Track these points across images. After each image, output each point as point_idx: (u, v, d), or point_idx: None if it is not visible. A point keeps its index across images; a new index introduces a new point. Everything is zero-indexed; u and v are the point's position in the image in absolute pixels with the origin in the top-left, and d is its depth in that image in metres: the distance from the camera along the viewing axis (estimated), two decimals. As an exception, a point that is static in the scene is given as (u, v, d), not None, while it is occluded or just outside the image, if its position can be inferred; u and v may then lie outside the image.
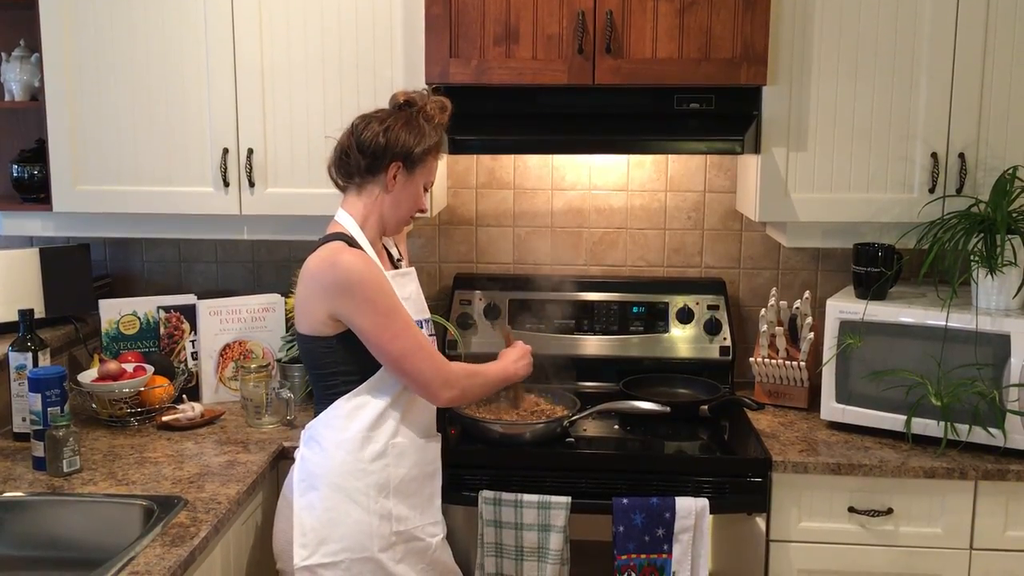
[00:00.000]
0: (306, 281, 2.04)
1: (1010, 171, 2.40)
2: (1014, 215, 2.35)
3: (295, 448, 2.26)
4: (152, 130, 2.60)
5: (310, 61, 2.55)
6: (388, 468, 2.06)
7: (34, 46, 2.66)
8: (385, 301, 2.00)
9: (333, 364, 2.07)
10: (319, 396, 2.13)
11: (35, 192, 2.76)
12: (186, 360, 2.76)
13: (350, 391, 2.07)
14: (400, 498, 2.08)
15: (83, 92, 2.59)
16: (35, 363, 2.41)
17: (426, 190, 2.17)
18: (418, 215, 2.19)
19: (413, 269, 2.26)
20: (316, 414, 2.12)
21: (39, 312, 2.67)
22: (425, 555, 2.12)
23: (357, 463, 2.05)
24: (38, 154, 2.79)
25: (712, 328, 2.83)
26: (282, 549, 2.11)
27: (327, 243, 2.05)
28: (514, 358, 2.28)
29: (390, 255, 2.24)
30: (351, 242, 2.06)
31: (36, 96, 2.74)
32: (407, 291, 2.15)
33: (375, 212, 2.11)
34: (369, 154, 2.07)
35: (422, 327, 2.14)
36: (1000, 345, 2.30)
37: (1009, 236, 2.31)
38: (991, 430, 2.31)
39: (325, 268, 2.01)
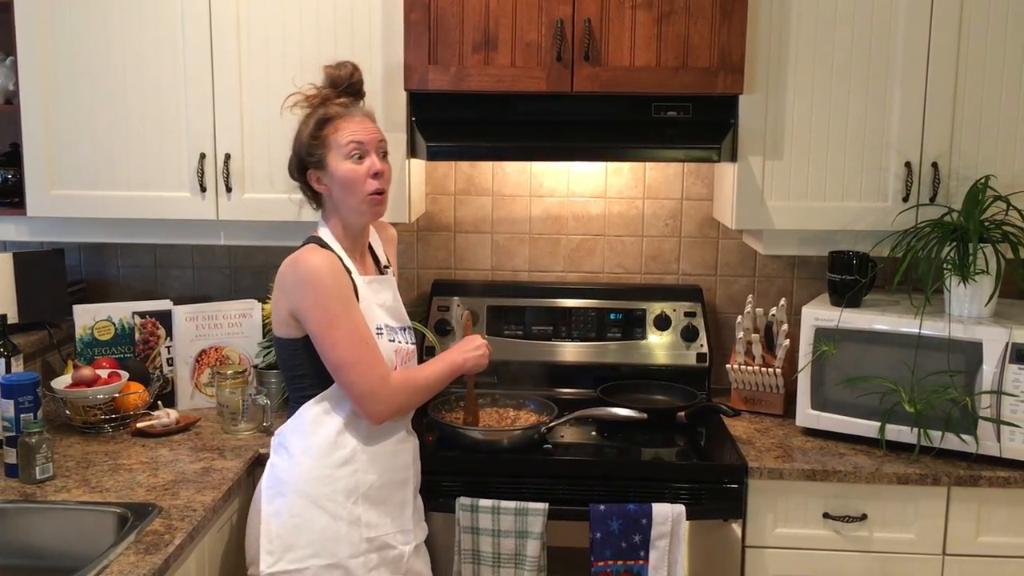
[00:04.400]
0: (276, 281, 2.07)
1: (982, 180, 2.44)
2: (986, 224, 2.38)
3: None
4: (128, 134, 2.58)
5: (288, 64, 2.54)
6: (357, 474, 2.05)
7: (9, 49, 2.64)
8: (336, 307, 1.98)
9: (300, 367, 2.07)
10: (291, 399, 2.14)
11: (9, 196, 2.74)
12: (161, 366, 2.75)
13: (316, 395, 2.06)
14: (370, 504, 2.07)
15: (59, 96, 2.57)
16: (8, 369, 2.38)
17: (360, 156, 2.02)
18: (376, 186, 2.03)
19: (392, 276, 2.24)
20: (288, 419, 2.12)
21: (12, 317, 2.65)
22: (400, 564, 2.12)
23: (324, 469, 2.04)
24: (12, 158, 2.77)
25: (689, 335, 2.85)
26: (253, 556, 2.09)
27: (303, 245, 2.07)
28: (466, 348, 2.20)
29: (377, 261, 2.23)
30: (324, 246, 2.06)
31: (11, 100, 2.71)
32: (382, 298, 2.14)
33: (335, 214, 2.10)
34: (295, 177, 2.14)
35: (397, 335, 2.13)
36: (972, 352, 2.33)
37: (981, 245, 2.34)
38: (964, 436, 2.33)
39: (289, 266, 2.03)
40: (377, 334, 2.06)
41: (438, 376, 2.13)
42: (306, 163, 2.09)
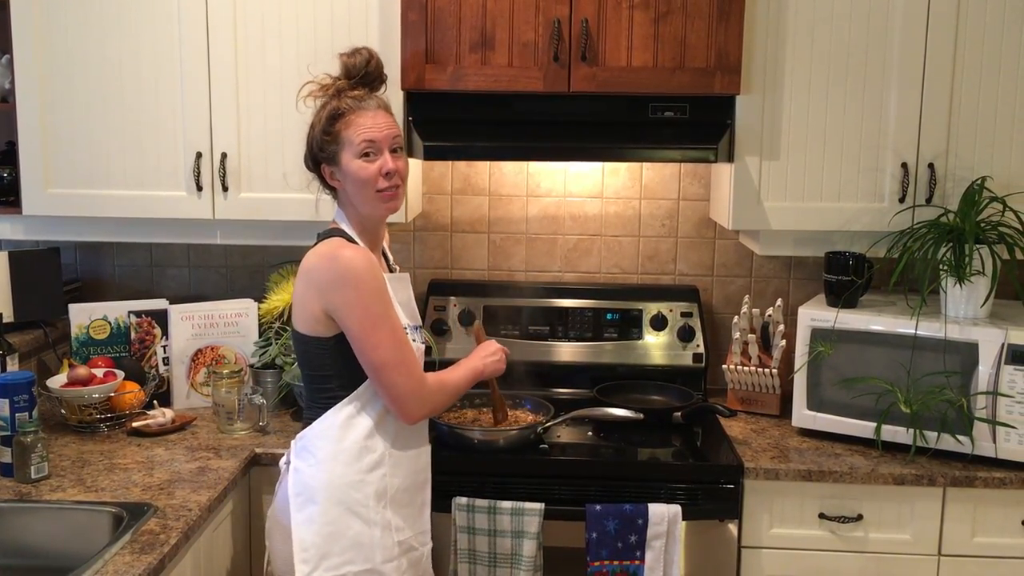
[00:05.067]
0: (304, 276, 1.98)
1: (978, 181, 2.44)
2: (982, 225, 2.38)
3: (267, 454, 2.23)
4: (125, 133, 2.58)
5: (285, 65, 2.54)
6: (386, 478, 2.01)
7: (5, 48, 2.63)
8: (378, 305, 1.93)
9: (328, 367, 2.00)
10: (311, 401, 2.06)
11: (5, 195, 2.73)
12: (157, 365, 2.74)
13: (344, 397, 2.00)
14: (395, 508, 2.03)
15: (55, 94, 2.57)
16: (3, 368, 2.38)
17: (372, 154, 1.98)
18: (387, 184, 1.99)
19: (407, 275, 2.21)
20: (307, 421, 2.05)
21: (8, 316, 2.64)
22: (419, 565, 2.10)
23: (356, 474, 1.99)
24: (8, 156, 2.77)
25: (685, 335, 2.85)
26: (281, 565, 2.03)
27: (327, 238, 2.00)
28: (484, 354, 2.20)
29: (387, 260, 2.20)
30: (350, 239, 2.01)
31: (6, 98, 2.71)
32: (401, 296, 2.09)
33: (352, 209, 2.05)
34: (310, 169, 2.08)
35: (413, 334, 2.08)
36: (968, 353, 2.33)
37: (977, 246, 2.34)
38: (959, 437, 2.34)
39: (324, 263, 1.94)
40: None
41: (463, 381, 2.13)
42: (319, 158, 2.04)
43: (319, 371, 2.02)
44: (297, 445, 2.05)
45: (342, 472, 1.99)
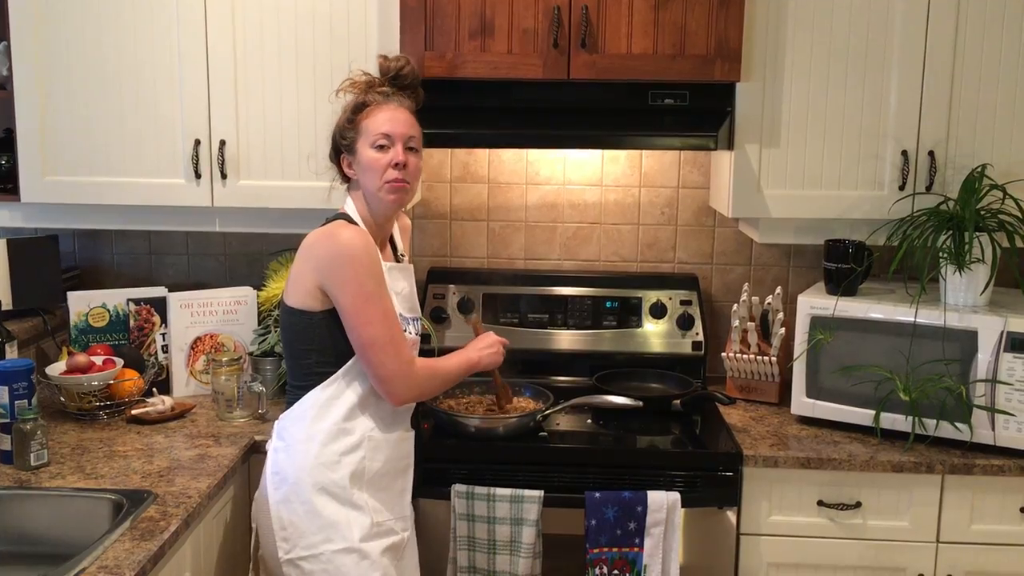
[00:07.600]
0: (303, 252, 2.04)
1: (978, 169, 2.44)
2: (982, 213, 2.38)
3: (267, 442, 2.24)
4: (123, 120, 2.57)
5: (284, 52, 2.53)
6: (364, 461, 2.05)
7: (3, 35, 2.62)
8: (371, 285, 1.98)
9: (311, 341, 2.05)
10: (292, 379, 2.11)
11: (3, 182, 2.72)
12: (156, 353, 2.74)
13: (324, 374, 2.04)
14: (372, 491, 2.07)
15: (52, 81, 2.55)
16: (2, 355, 2.38)
17: (384, 147, 2.03)
18: (395, 176, 2.03)
19: (411, 266, 2.24)
20: (288, 403, 2.10)
21: (6, 304, 2.64)
22: (399, 550, 2.12)
23: (331, 455, 2.03)
24: (6, 143, 2.75)
25: (685, 323, 2.85)
26: (266, 543, 2.06)
27: (332, 220, 2.07)
28: (481, 345, 2.25)
29: (395, 249, 2.23)
30: (353, 224, 2.07)
31: (4, 85, 2.69)
32: (400, 286, 2.14)
33: (361, 199, 2.10)
34: (332, 160, 2.15)
35: (408, 325, 2.12)
36: (967, 341, 2.33)
37: (977, 233, 2.34)
38: (958, 425, 2.34)
39: (323, 240, 2.01)
40: None
41: (456, 370, 2.16)
42: (340, 147, 2.11)
43: (302, 345, 2.06)
44: (278, 426, 2.11)
45: (317, 452, 2.03)
